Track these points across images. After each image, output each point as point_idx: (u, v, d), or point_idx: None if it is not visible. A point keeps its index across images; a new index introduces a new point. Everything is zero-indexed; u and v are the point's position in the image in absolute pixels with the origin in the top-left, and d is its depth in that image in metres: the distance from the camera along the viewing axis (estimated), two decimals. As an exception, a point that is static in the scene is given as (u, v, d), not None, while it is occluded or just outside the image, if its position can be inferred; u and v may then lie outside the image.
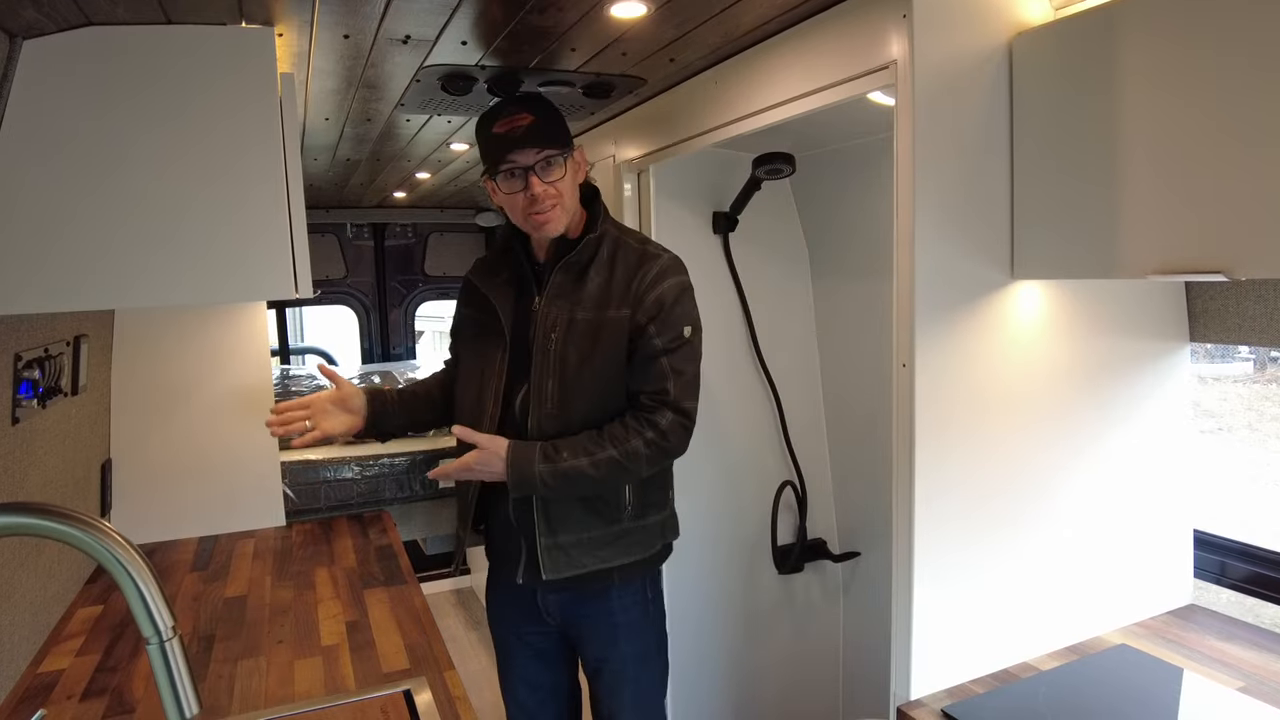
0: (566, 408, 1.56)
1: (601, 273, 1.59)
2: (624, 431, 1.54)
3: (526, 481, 1.51)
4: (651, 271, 1.57)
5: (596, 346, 1.55)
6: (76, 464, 1.80)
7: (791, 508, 2.35)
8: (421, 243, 4.15)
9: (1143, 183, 1.17)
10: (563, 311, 1.58)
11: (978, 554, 1.40)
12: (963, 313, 1.34)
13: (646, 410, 1.56)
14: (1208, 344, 1.65)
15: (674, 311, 1.57)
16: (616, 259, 1.60)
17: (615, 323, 1.56)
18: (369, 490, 2.47)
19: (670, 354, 1.56)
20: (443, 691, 1.37)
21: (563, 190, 1.56)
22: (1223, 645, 1.49)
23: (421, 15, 1.39)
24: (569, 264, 1.59)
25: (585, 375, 1.55)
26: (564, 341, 1.56)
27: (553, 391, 1.56)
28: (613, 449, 1.52)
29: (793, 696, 2.43)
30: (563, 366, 1.56)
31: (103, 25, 1.28)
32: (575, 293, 1.58)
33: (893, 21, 1.28)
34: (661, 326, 1.56)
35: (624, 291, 1.56)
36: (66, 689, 1.40)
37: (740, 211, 2.23)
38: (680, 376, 1.57)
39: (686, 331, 1.58)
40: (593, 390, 1.56)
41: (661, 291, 1.56)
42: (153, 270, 1.34)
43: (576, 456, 1.51)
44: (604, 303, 1.57)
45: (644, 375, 1.56)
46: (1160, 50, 1.13)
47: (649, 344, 1.55)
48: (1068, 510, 1.49)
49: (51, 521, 0.78)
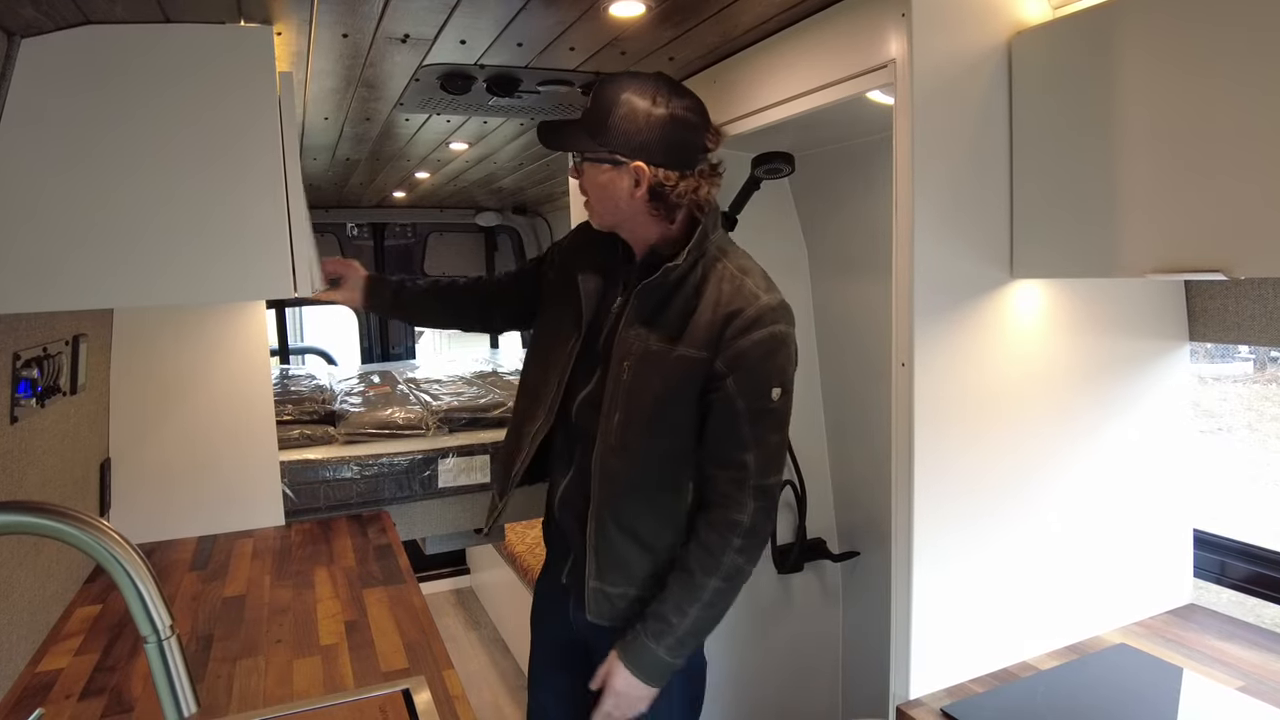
0: (629, 446, 1.43)
1: (690, 301, 1.41)
2: (708, 555, 1.39)
3: (662, 672, 1.42)
4: (746, 312, 1.37)
5: (666, 385, 1.41)
6: (75, 463, 1.80)
7: (790, 507, 2.34)
8: (421, 242, 4.15)
9: (1142, 181, 1.17)
10: (640, 339, 1.43)
11: (977, 553, 1.40)
12: (962, 312, 1.34)
13: (723, 505, 1.40)
14: (1207, 344, 1.65)
15: (763, 367, 1.38)
16: (707, 287, 1.41)
17: (692, 363, 1.39)
18: (368, 490, 2.47)
19: (754, 419, 1.38)
20: (441, 691, 1.37)
21: (590, 193, 1.46)
22: (1222, 645, 1.49)
23: (420, 14, 1.39)
24: (649, 288, 1.42)
25: (649, 414, 1.42)
26: (634, 373, 1.43)
27: (618, 425, 1.44)
28: (712, 578, 1.39)
29: (792, 696, 2.43)
30: (629, 400, 1.43)
31: (101, 24, 1.27)
32: (655, 319, 1.43)
33: (891, 20, 1.28)
34: (745, 384, 1.37)
35: (708, 329, 1.39)
36: (65, 688, 1.40)
37: (739, 211, 2.22)
38: (763, 448, 1.39)
39: (775, 394, 1.39)
40: (655, 431, 1.42)
41: (754, 340, 1.37)
42: (152, 269, 1.33)
43: (684, 614, 1.39)
44: (683, 337, 1.40)
45: (721, 442, 1.40)
46: (1158, 49, 1.13)
47: (729, 403, 1.38)
48: (1067, 510, 1.49)
49: (51, 520, 0.78)
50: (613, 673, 1.44)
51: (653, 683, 1.43)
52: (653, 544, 1.46)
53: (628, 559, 1.46)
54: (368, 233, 4.02)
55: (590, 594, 1.48)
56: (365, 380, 3.34)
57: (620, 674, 1.43)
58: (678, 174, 1.39)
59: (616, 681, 1.44)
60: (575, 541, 1.55)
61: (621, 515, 1.45)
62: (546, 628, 1.75)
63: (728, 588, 1.40)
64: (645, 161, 1.38)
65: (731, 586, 1.41)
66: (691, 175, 1.41)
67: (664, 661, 1.41)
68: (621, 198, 1.42)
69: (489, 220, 4.02)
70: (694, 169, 1.41)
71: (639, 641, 1.42)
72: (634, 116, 1.37)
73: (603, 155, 1.41)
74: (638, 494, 1.45)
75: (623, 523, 1.45)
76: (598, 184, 1.44)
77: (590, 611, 1.49)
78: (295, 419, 2.58)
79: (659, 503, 1.45)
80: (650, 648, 1.41)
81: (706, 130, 1.42)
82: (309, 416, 2.63)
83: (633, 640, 1.43)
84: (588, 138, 1.41)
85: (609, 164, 1.41)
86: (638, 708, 1.46)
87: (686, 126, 1.39)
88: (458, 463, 2.57)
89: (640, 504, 1.45)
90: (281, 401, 2.55)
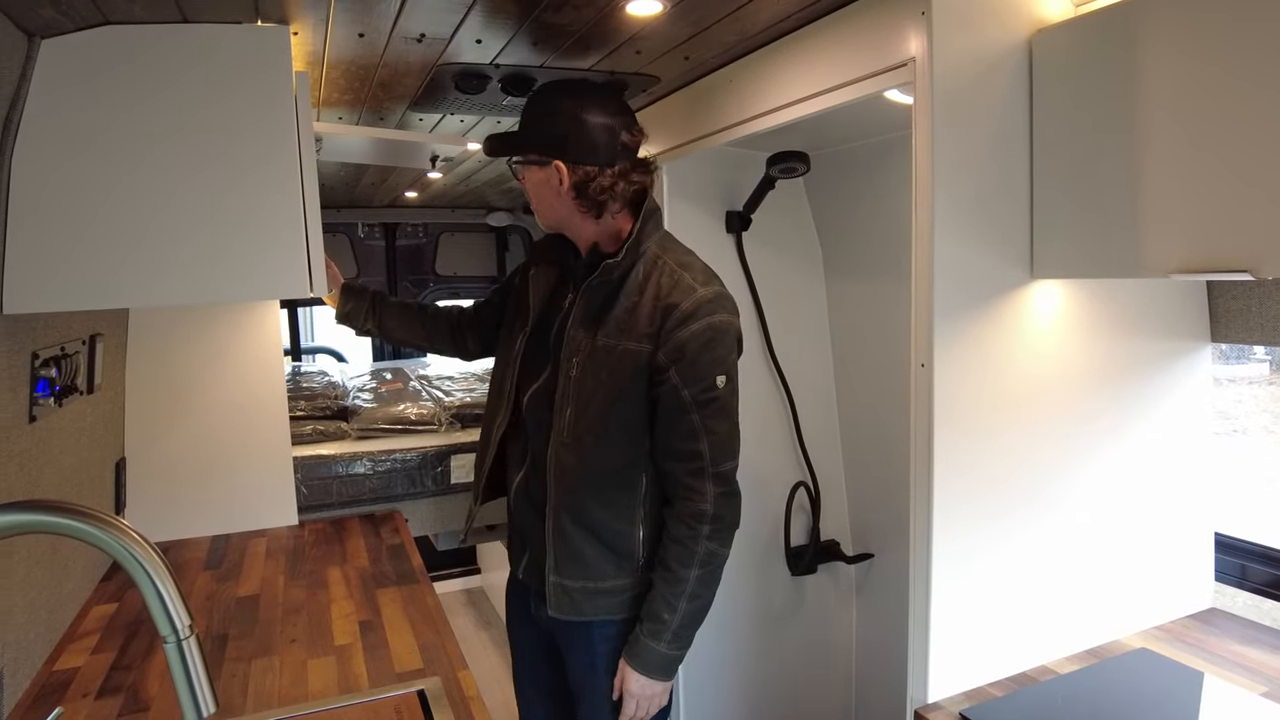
0: (578, 441, 1.49)
1: (632, 297, 1.47)
2: (681, 547, 1.45)
3: (669, 665, 1.49)
4: (682, 305, 1.42)
5: (614, 378, 1.46)
6: (92, 462, 1.80)
7: (805, 509, 2.34)
8: (433, 242, 4.15)
9: (1165, 180, 1.16)
10: (586, 337, 1.49)
11: (996, 555, 1.39)
12: (981, 313, 1.33)
13: (686, 498, 1.45)
14: (1226, 345, 1.63)
15: (703, 358, 1.42)
16: (648, 282, 1.47)
17: (634, 355, 1.44)
18: (381, 486, 2.47)
19: (701, 408, 1.43)
20: (456, 691, 1.37)
21: (529, 195, 1.56)
22: (1244, 649, 1.47)
23: (436, 13, 1.39)
24: (593, 286, 1.50)
25: (599, 408, 1.47)
26: (583, 368, 1.48)
27: (569, 420, 1.49)
28: (691, 569, 1.45)
29: (805, 699, 2.41)
30: (579, 395, 1.48)
31: (120, 24, 1.28)
32: (601, 316, 1.49)
33: (911, 18, 1.27)
34: (689, 375, 1.42)
35: (648, 322, 1.44)
36: (82, 687, 1.40)
37: (754, 210, 2.22)
38: (713, 436, 1.43)
39: (720, 381, 1.43)
40: (605, 426, 1.47)
41: (692, 331, 1.41)
42: (169, 269, 1.34)
43: (674, 608, 1.45)
44: (627, 330, 1.46)
45: (673, 433, 1.45)
46: (1183, 45, 1.11)
47: (675, 395, 1.43)
48: (1088, 512, 1.47)
49: (71, 520, 0.78)
50: (626, 678, 1.52)
51: (663, 677, 1.51)
52: (609, 539, 1.51)
53: (584, 553, 1.52)
54: (379, 233, 4.03)
55: (550, 589, 1.54)
56: (378, 377, 3.35)
57: (633, 678, 1.51)
58: (596, 169, 1.47)
59: (631, 685, 1.51)
60: (532, 536, 1.61)
61: (577, 510, 1.51)
62: (518, 627, 1.79)
63: (707, 574, 1.47)
64: (562, 159, 1.47)
65: (710, 573, 1.47)
66: (611, 170, 1.47)
67: (668, 655, 1.48)
68: (551, 196, 1.52)
69: (500, 220, 4.02)
70: (614, 164, 1.48)
71: (640, 644, 1.49)
72: (553, 118, 1.48)
73: (531, 157, 1.51)
74: (591, 488, 1.50)
75: (579, 518, 1.51)
76: (533, 185, 1.54)
77: (552, 607, 1.55)
78: (308, 415, 2.58)
79: (612, 497, 1.51)
80: (652, 647, 1.48)
81: (625, 126, 1.49)
82: (321, 412, 2.63)
83: (634, 643, 1.50)
84: (516, 143, 1.53)
85: (536, 165, 1.51)
86: (658, 703, 1.54)
87: (602, 124, 1.46)
88: (470, 459, 2.57)
89: (594, 499, 1.51)
90: (294, 397, 2.55)
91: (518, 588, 1.75)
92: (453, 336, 1.95)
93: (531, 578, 1.64)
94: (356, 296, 1.89)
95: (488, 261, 4.28)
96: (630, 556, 1.52)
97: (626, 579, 1.53)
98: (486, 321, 1.91)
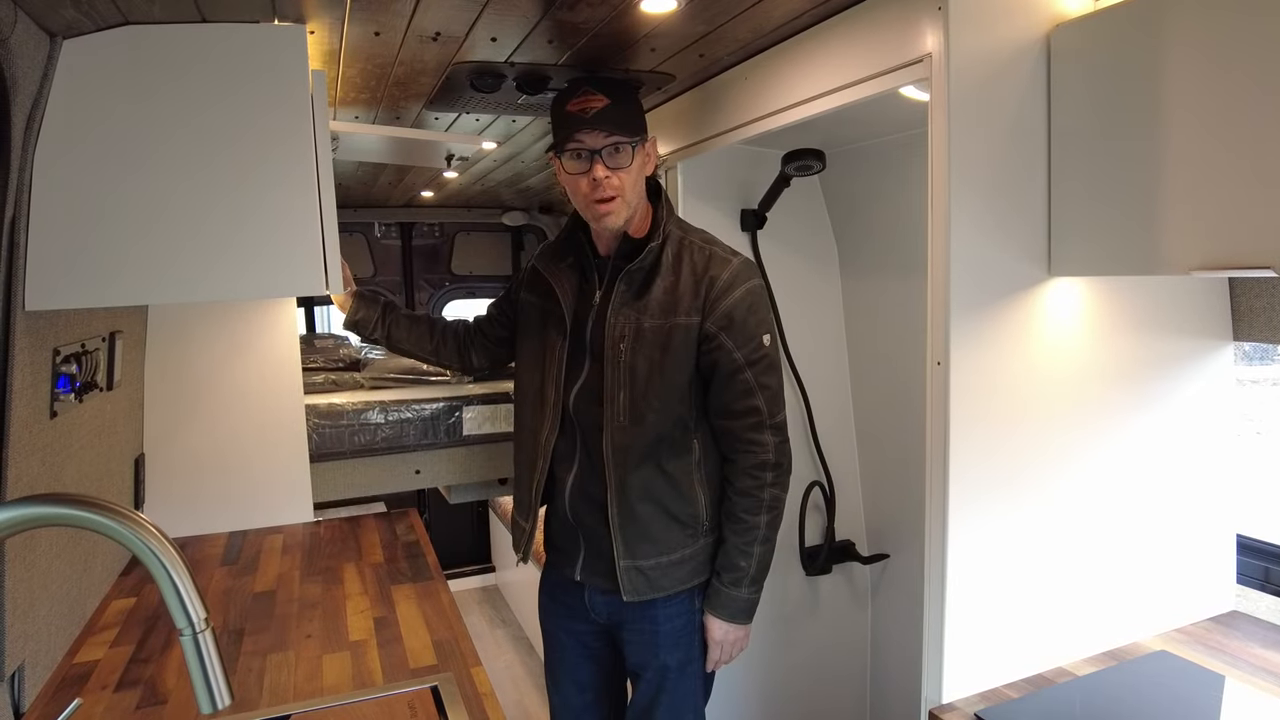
0: (639, 420, 1.54)
1: (667, 277, 1.54)
2: (749, 498, 1.55)
3: (750, 608, 1.60)
4: (722, 277, 1.52)
5: (666, 355, 1.52)
6: (111, 458, 1.83)
7: (819, 508, 2.32)
8: (448, 242, 4.17)
9: (1186, 176, 1.14)
10: (629, 320, 1.54)
11: (1013, 555, 1.37)
12: (999, 310, 1.32)
13: (746, 451, 1.54)
14: (1249, 345, 1.61)
15: (749, 321, 1.53)
16: (682, 261, 1.55)
17: (684, 330, 1.52)
18: (394, 435, 2.46)
19: (753, 366, 1.53)
20: (470, 688, 1.37)
21: (624, 181, 1.52)
22: (1266, 653, 1.45)
23: (452, 11, 1.39)
24: (632, 272, 1.55)
25: (655, 385, 1.53)
26: (633, 351, 1.53)
27: (625, 404, 1.54)
28: (761, 515, 1.55)
29: (820, 699, 2.40)
30: (633, 377, 1.53)
31: (140, 24, 1.29)
32: (641, 299, 1.55)
33: (927, 14, 1.26)
34: (739, 338, 1.52)
35: (692, 297, 1.52)
36: (101, 679, 1.42)
37: (769, 209, 2.21)
38: (767, 390, 1.54)
39: (766, 340, 1.55)
40: (662, 400, 1.53)
41: (735, 299, 1.52)
42: (189, 266, 1.35)
43: (749, 554, 1.55)
44: (671, 308, 1.53)
45: (729, 393, 1.53)
46: (1205, 39, 1.10)
47: (728, 358, 1.52)
48: (1106, 512, 1.46)
49: (90, 513, 0.79)
50: (711, 629, 1.61)
51: (745, 621, 1.61)
52: (675, 508, 1.58)
53: (651, 528, 1.57)
54: (396, 232, 4.05)
55: (623, 574, 1.57)
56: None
57: (718, 626, 1.60)
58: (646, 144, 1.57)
59: (717, 633, 1.61)
60: (593, 533, 1.62)
61: (640, 487, 1.55)
62: (561, 624, 1.78)
63: (774, 518, 1.57)
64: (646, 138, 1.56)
65: (776, 516, 1.58)
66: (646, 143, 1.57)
67: (750, 599, 1.59)
68: (642, 178, 1.57)
69: (516, 220, 4.03)
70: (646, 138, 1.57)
71: (722, 594, 1.58)
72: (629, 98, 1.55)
73: (638, 140, 1.54)
74: (650, 462, 1.56)
75: (644, 493, 1.55)
76: (637, 167, 1.55)
77: (626, 592, 1.58)
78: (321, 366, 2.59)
79: (671, 467, 1.57)
80: (733, 594, 1.57)
81: None
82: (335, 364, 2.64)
83: (715, 595, 1.59)
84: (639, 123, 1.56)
85: (639, 148, 1.54)
86: (741, 646, 1.65)
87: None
88: (481, 411, 2.58)
89: (654, 471, 1.56)
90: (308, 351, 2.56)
91: (564, 586, 1.74)
92: (460, 352, 1.95)
93: (593, 574, 1.65)
94: (368, 305, 1.88)
95: (503, 261, 4.29)
96: (695, 520, 1.59)
97: (693, 546, 1.59)
98: (491, 338, 1.92)
